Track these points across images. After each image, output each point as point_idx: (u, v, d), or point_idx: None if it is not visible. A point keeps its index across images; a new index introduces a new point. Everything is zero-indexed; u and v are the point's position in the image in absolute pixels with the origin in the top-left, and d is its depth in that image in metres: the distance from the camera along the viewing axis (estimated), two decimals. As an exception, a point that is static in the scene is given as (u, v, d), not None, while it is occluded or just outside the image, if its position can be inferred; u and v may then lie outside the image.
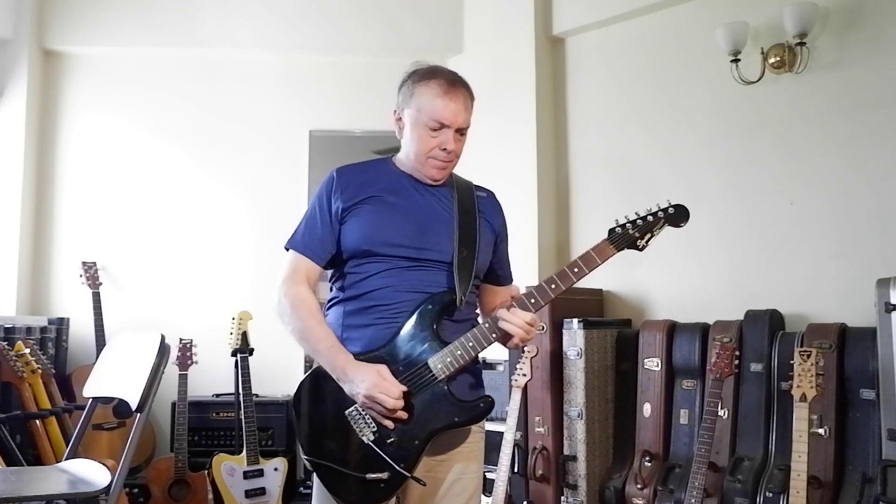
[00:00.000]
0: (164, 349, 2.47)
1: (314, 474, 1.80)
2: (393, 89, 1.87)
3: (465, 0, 4.42)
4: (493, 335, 1.75)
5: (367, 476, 1.69)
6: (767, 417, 2.99)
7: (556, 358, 3.41)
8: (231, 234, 4.40)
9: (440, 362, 1.72)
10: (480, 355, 1.80)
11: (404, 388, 1.69)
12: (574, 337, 3.36)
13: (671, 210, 1.78)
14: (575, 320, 3.36)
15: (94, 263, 4.22)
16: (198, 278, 4.36)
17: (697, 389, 3.20)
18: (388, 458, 1.69)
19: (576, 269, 1.73)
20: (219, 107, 4.47)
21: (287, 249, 1.87)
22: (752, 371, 3.05)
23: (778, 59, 3.28)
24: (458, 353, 1.73)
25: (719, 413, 2.91)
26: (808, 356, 2.59)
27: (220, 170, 4.45)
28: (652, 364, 3.32)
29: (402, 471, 1.69)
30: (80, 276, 4.18)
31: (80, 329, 4.18)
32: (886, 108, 3.09)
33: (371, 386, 1.66)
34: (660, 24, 3.78)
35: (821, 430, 2.76)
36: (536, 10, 4.07)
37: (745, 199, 3.46)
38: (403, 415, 1.69)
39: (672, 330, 3.32)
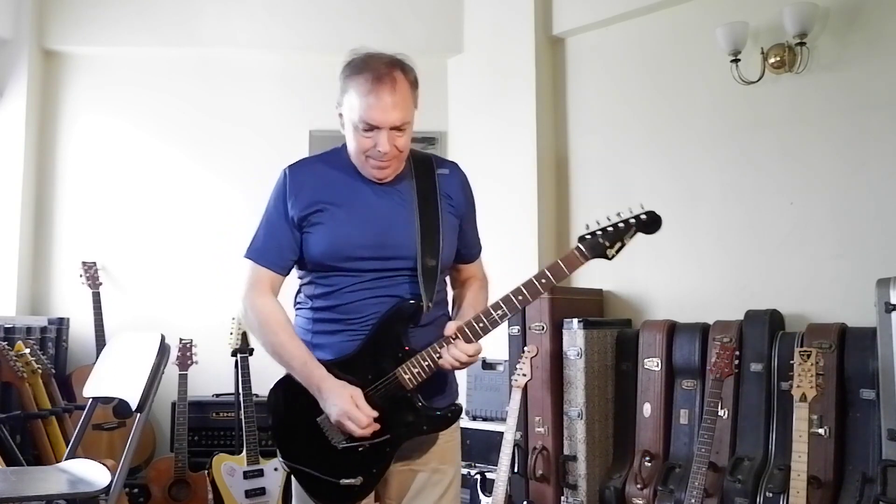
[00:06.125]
0: (164, 349, 2.47)
1: (291, 475, 1.83)
2: None
3: (465, 0, 4.41)
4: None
5: (341, 482, 1.72)
6: (767, 417, 2.99)
7: (556, 358, 3.41)
8: (231, 234, 4.38)
9: (408, 372, 1.71)
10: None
11: (375, 414, 1.68)
12: (574, 337, 3.35)
13: (643, 217, 1.71)
14: (575, 320, 3.35)
15: (94, 263, 4.22)
16: (198, 278, 4.35)
17: (697, 389, 3.19)
18: (360, 464, 1.71)
19: (543, 281, 1.70)
20: (219, 107, 4.46)
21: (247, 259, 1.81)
22: (752, 371, 3.05)
23: (778, 59, 3.28)
24: (426, 363, 1.71)
25: (719, 413, 2.91)
26: (808, 356, 2.59)
27: (220, 170, 4.45)
28: (652, 364, 3.32)
29: (374, 476, 1.72)
30: (80, 276, 4.18)
31: (80, 329, 4.17)
32: (886, 109, 3.09)
33: (340, 412, 1.67)
34: (660, 25, 3.78)
35: (821, 430, 2.76)
36: (536, 11, 4.06)
37: (745, 199, 3.45)
38: (374, 428, 1.69)
39: (672, 330, 3.32)
